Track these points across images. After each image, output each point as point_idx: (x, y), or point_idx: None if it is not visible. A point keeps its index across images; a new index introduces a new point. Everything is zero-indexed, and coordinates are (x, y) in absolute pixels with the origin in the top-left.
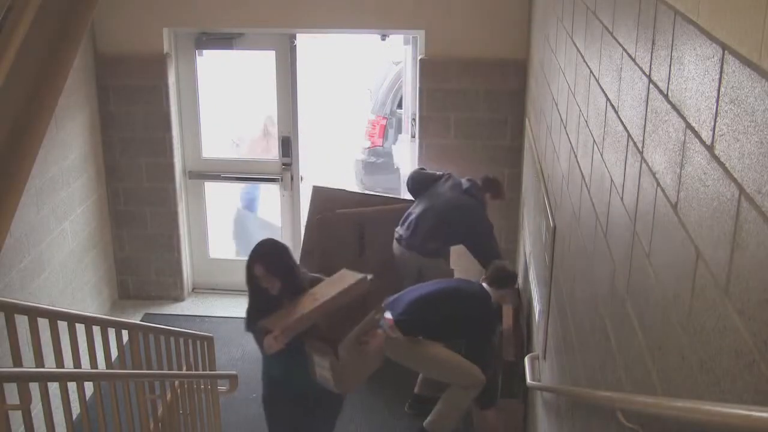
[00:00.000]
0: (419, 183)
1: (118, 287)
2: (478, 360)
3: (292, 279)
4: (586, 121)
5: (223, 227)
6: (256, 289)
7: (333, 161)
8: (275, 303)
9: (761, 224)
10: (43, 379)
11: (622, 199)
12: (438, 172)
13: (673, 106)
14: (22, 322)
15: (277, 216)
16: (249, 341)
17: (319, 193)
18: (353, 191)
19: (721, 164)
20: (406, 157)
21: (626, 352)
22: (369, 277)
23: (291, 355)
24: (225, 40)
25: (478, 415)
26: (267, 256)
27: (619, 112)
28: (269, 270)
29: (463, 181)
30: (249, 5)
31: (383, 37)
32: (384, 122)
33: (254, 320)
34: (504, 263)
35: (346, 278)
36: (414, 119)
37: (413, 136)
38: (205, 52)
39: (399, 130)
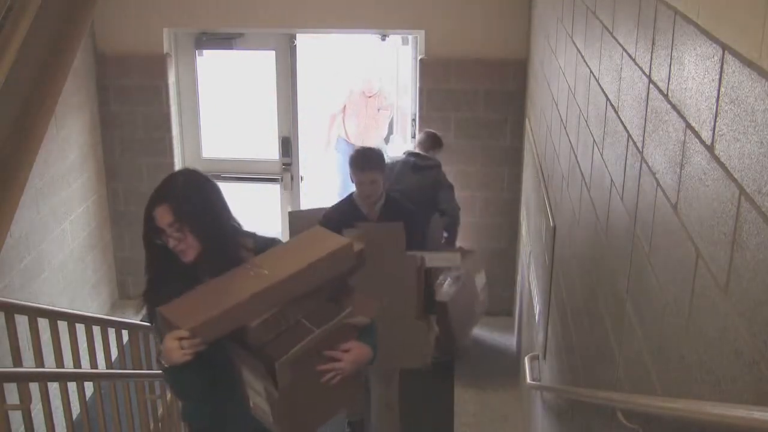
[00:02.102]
0: None
1: (118, 287)
2: None
3: (222, 240)
4: (586, 121)
5: None
6: (157, 253)
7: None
8: (191, 278)
9: (761, 224)
10: (43, 379)
11: (622, 199)
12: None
13: (673, 106)
14: (22, 322)
15: (277, 216)
16: None
17: (295, 218)
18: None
19: (721, 164)
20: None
21: (626, 352)
22: (358, 246)
23: (219, 376)
24: (225, 40)
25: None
26: (179, 194)
27: (619, 112)
28: (182, 219)
29: (407, 158)
30: (249, 5)
31: (383, 37)
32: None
33: (155, 304)
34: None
35: (321, 244)
36: (414, 119)
37: (413, 137)
38: (205, 52)
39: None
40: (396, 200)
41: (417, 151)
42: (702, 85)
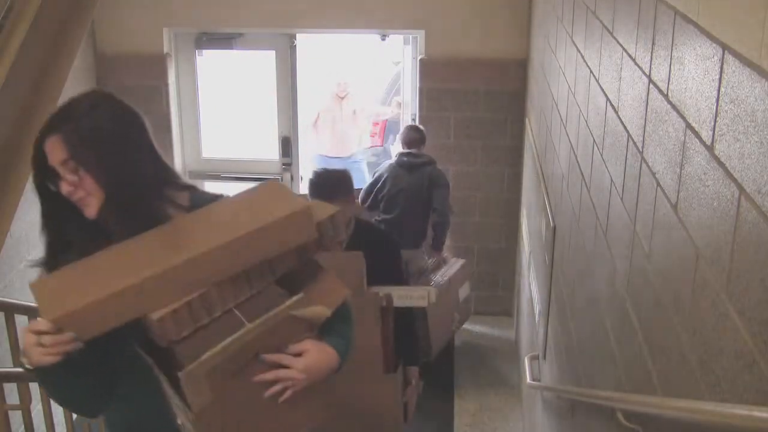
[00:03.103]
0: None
1: None
2: None
3: (133, 188)
4: (586, 121)
5: None
6: (51, 203)
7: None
8: (90, 240)
9: (761, 224)
10: None
11: (622, 199)
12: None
13: (673, 106)
14: (22, 322)
15: None
16: None
17: None
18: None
19: (721, 164)
20: None
21: (626, 352)
22: (323, 214)
23: (131, 378)
24: (225, 40)
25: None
26: (77, 123)
27: (619, 112)
28: (77, 156)
29: (400, 159)
30: (249, 5)
31: (383, 37)
32: (385, 122)
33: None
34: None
35: (268, 206)
36: (414, 119)
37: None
38: (205, 52)
39: (398, 129)
40: (367, 225)
41: (408, 150)
42: (702, 85)
